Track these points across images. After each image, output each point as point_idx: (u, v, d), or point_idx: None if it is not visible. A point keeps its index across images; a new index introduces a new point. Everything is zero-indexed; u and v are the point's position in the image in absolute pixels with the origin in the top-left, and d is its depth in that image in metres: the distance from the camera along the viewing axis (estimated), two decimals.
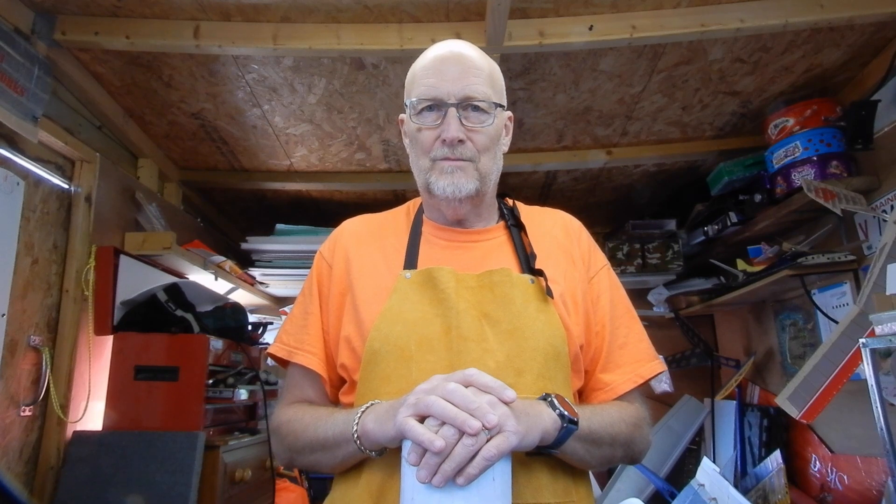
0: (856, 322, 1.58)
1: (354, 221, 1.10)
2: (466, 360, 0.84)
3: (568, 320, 0.92)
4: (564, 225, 1.08)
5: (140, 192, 2.17)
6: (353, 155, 2.48)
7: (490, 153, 0.97)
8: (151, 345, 1.85)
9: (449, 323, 0.88)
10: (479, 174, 0.95)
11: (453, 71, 0.95)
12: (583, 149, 2.47)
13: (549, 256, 0.98)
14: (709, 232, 2.54)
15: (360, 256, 1.00)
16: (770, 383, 2.58)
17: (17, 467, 1.62)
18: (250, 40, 1.69)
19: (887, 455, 1.37)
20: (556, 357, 0.89)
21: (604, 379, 0.96)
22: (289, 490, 2.40)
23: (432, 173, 0.95)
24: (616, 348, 0.98)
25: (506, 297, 0.90)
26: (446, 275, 0.91)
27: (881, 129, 1.84)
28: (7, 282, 1.59)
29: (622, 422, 0.90)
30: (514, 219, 1.04)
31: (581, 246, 1.04)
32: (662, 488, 2.47)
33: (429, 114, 0.95)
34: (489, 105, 0.95)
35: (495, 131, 0.98)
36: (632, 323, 1.02)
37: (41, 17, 1.65)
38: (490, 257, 0.97)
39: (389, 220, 1.08)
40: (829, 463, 2.13)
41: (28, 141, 1.62)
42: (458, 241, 1.00)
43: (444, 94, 0.93)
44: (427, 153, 0.96)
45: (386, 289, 0.93)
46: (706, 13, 1.66)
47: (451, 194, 0.94)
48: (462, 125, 0.93)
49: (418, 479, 0.65)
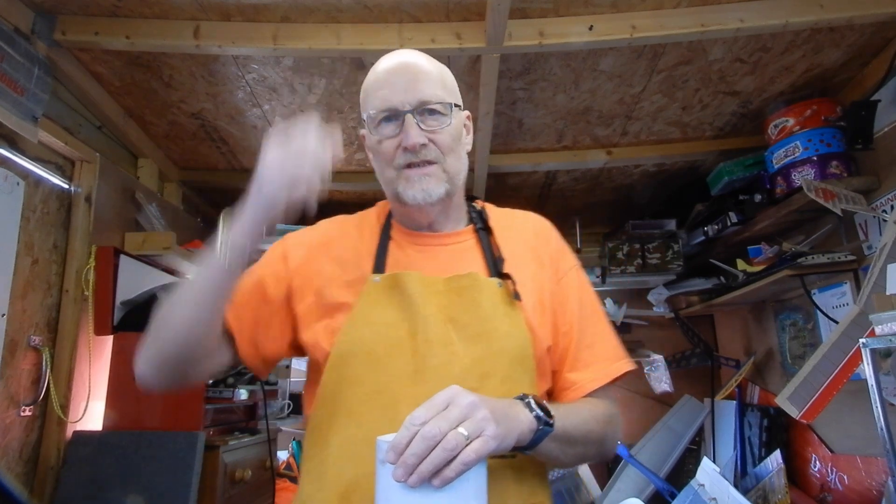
0: (856, 322, 1.58)
1: (327, 223, 1.09)
2: (432, 364, 0.86)
3: (534, 323, 0.93)
4: (534, 227, 1.08)
5: (140, 192, 2.17)
6: (353, 155, 2.48)
7: (455, 153, 0.97)
8: None
9: (416, 327, 0.89)
10: (447, 175, 0.96)
11: (403, 80, 0.95)
12: (583, 149, 2.47)
13: (517, 259, 0.99)
14: (709, 232, 2.54)
15: (329, 256, 1.00)
16: (770, 383, 2.58)
17: (17, 467, 1.63)
18: (250, 40, 1.69)
19: (887, 455, 1.37)
20: (522, 360, 0.90)
21: (571, 378, 0.97)
22: (289, 490, 2.40)
23: (399, 182, 0.95)
24: (584, 348, 0.99)
25: (473, 301, 0.91)
26: (413, 279, 0.92)
27: (881, 129, 1.84)
28: (7, 282, 1.59)
29: (594, 420, 0.91)
30: (483, 222, 1.05)
31: (550, 247, 1.05)
32: (662, 488, 2.47)
33: (387, 125, 0.95)
34: (444, 106, 0.95)
35: (456, 131, 0.98)
36: (599, 323, 1.03)
37: (41, 17, 1.65)
38: (458, 261, 0.98)
39: (360, 223, 1.08)
40: (829, 463, 2.13)
41: (28, 141, 1.62)
42: (426, 244, 1.01)
43: (398, 102, 0.94)
44: (390, 163, 0.95)
45: (355, 292, 0.93)
46: (706, 13, 1.66)
47: (423, 201, 0.94)
48: (421, 130, 0.93)
49: (394, 476, 0.65)
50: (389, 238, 1.01)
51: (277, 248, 1.05)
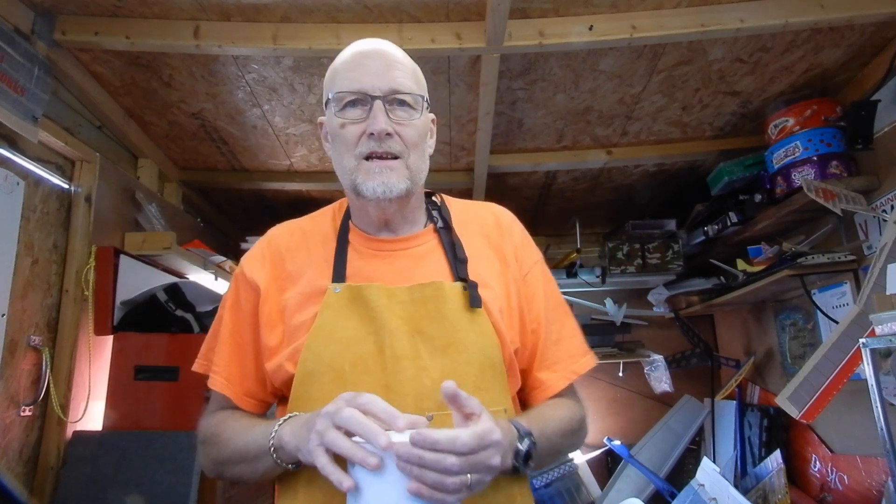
0: (856, 322, 1.58)
1: (280, 229, 1.04)
2: (402, 380, 0.84)
3: (501, 326, 0.91)
4: (496, 220, 1.04)
5: (140, 192, 2.17)
6: None
7: (419, 150, 0.94)
8: (151, 345, 1.85)
9: (382, 342, 0.86)
10: (409, 172, 0.91)
11: (377, 64, 0.91)
12: (583, 149, 2.47)
13: (480, 258, 0.96)
14: (709, 232, 2.54)
15: (288, 270, 0.96)
16: (770, 383, 2.58)
17: (17, 467, 1.62)
18: (250, 40, 1.69)
19: (887, 455, 1.37)
20: (491, 367, 0.89)
21: (540, 378, 0.97)
22: None
23: (359, 173, 0.90)
24: (550, 345, 0.98)
25: (438, 312, 0.88)
26: (376, 291, 0.88)
27: (881, 129, 1.84)
28: (7, 282, 1.59)
29: (570, 434, 0.93)
30: (443, 220, 1.01)
31: (513, 241, 1.01)
32: (662, 488, 2.47)
33: (353, 109, 0.90)
34: (415, 99, 0.92)
35: (423, 127, 0.94)
36: (564, 318, 1.02)
37: (41, 17, 1.65)
38: (421, 266, 0.94)
39: (315, 227, 1.02)
40: (829, 463, 2.13)
41: (28, 141, 1.62)
42: (385, 249, 0.96)
43: (369, 86, 0.89)
44: (352, 150, 0.90)
45: (315, 303, 0.89)
46: (706, 13, 1.66)
47: (382, 195, 0.89)
48: (389, 119, 0.89)
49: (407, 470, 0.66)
50: (347, 243, 0.97)
51: (241, 283, 0.98)
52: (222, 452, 0.89)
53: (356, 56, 0.94)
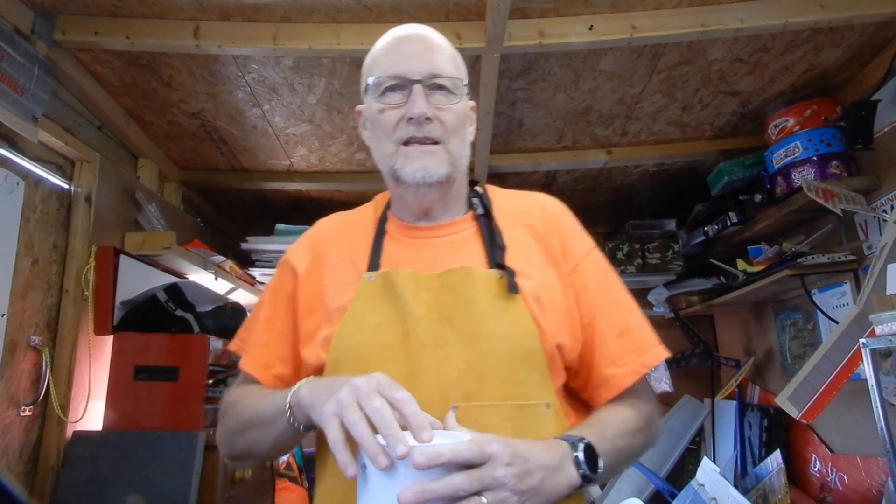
0: (856, 322, 1.58)
1: (326, 221, 1.05)
2: (425, 368, 0.81)
3: (541, 318, 0.85)
4: (542, 210, 0.99)
5: (140, 192, 2.17)
6: (353, 155, 2.48)
7: (459, 136, 0.91)
8: (151, 345, 1.85)
9: (407, 329, 0.83)
10: (450, 157, 0.89)
11: (416, 48, 0.90)
12: (583, 149, 2.47)
13: (520, 248, 0.91)
14: (709, 232, 2.54)
15: (329, 259, 0.96)
16: (770, 383, 2.57)
17: (17, 467, 1.62)
18: (250, 40, 1.69)
19: (887, 455, 1.37)
20: (527, 358, 0.83)
21: (605, 374, 0.89)
22: (289, 490, 2.40)
23: (398, 158, 0.89)
24: (613, 338, 0.91)
25: (466, 297, 0.84)
26: (404, 277, 0.86)
27: (881, 129, 1.84)
28: (7, 282, 1.59)
29: (634, 434, 0.85)
30: (484, 207, 0.97)
31: (561, 232, 0.96)
32: (662, 488, 2.47)
33: (392, 94, 0.89)
34: (455, 83, 0.90)
35: (462, 113, 0.92)
36: (629, 307, 0.95)
37: (41, 17, 1.65)
38: (455, 253, 0.91)
39: (358, 217, 1.03)
40: (829, 463, 2.13)
41: (28, 141, 1.62)
42: (420, 237, 0.94)
43: (408, 70, 0.88)
44: (391, 135, 0.89)
45: (350, 292, 0.88)
46: (706, 13, 1.66)
47: (422, 179, 0.87)
48: (429, 103, 0.87)
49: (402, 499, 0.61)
50: (384, 232, 0.96)
51: (285, 272, 1.00)
52: (240, 418, 0.88)
53: (395, 40, 0.93)
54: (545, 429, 0.82)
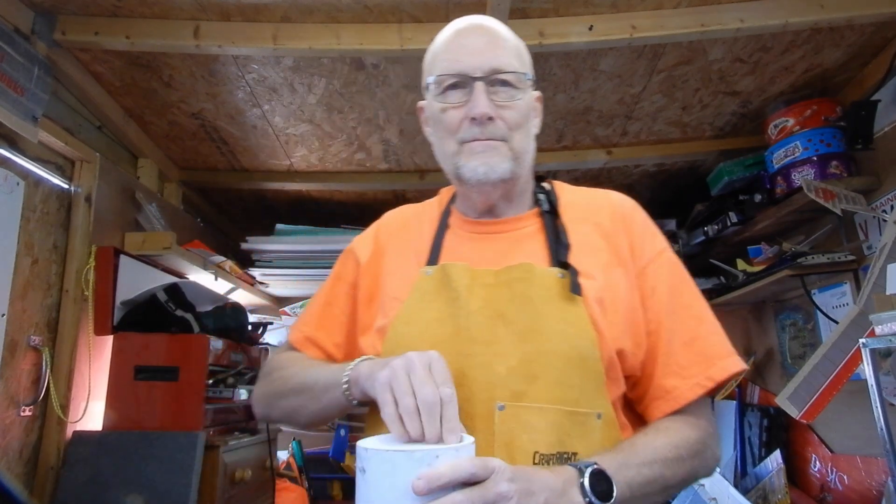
0: (856, 322, 1.58)
1: (392, 213, 1.05)
2: (474, 364, 0.78)
3: (601, 322, 0.81)
4: (612, 209, 0.94)
5: (140, 192, 2.17)
6: (353, 155, 2.48)
7: (523, 130, 0.88)
8: (151, 345, 1.85)
9: (459, 324, 0.81)
10: (512, 153, 0.86)
11: (478, 43, 0.87)
12: (583, 149, 2.47)
13: (586, 247, 0.87)
14: (709, 232, 2.54)
15: (391, 251, 0.96)
16: (770, 383, 2.57)
17: (17, 467, 1.62)
18: (250, 40, 1.69)
19: (887, 455, 1.37)
20: (581, 362, 0.79)
21: (666, 385, 0.82)
22: (289, 490, 2.40)
23: (460, 156, 0.86)
24: (680, 345, 0.84)
25: (524, 295, 0.81)
26: (460, 271, 0.84)
27: (881, 129, 1.84)
28: (7, 282, 1.59)
29: (678, 461, 0.76)
30: (550, 204, 0.93)
31: (631, 231, 0.91)
32: None
33: (453, 92, 0.87)
34: (518, 78, 0.87)
35: (526, 107, 0.89)
36: (700, 314, 0.87)
37: (41, 17, 1.65)
38: (516, 250, 0.88)
39: (423, 211, 1.02)
40: (829, 463, 2.13)
41: (28, 141, 1.62)
42: (482, 232, 0.92)
43: (469, 68, 0.85)
44: (453, 135, 0.87)
45: (408, 286, 0.87)
46: (706, 13, 1.66)
47: (484, 176, 0.85)
48: (491, 101, 0.84)
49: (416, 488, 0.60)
50: (447, 226, 0.95)
51: (349, 260, 1.01)
52: (287, 383, 0.89)
53: (455, 35, 0.91)
54: (592, 439, 0.78)
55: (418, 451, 0.62)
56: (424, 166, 2.58)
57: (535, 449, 0.75)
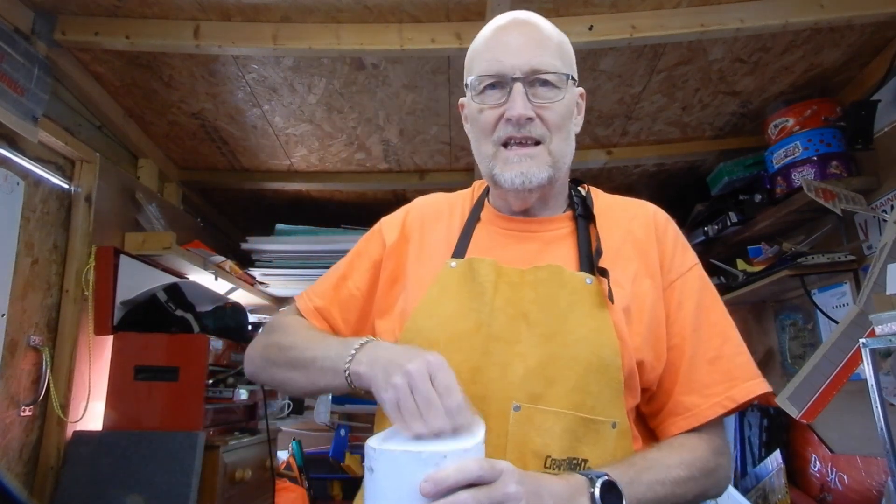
0: (856, 322, 1.58)
1: (423, 200, 1.02)
2: (492, 362, 0.77)
3: (625, 331, 0.80)
4: (646, 220, 0.93)
5: (140, 192, 2.17)
6: (353, 155, 2.48)
7: (562, 133, 0.87)
8: (151, 345, 1.85)
9: (481, 320, 0.80)
10: (551, 159, 0.85)
11: (517, 42, 0.85)
12: (583, 149, 2.47)
13: (617, 255, 0.86)
14: (709, 232, 2.54)
15: (419, 238, 0.94)
16: (770, 383, 2.56)
17: (17, 467, 1.62)
18: (250, 40, 1.69)
19: (887, 455, 1.37)
20: (602, 370, 0.77)
21: (685, 402, 0.81)
22: (289, 490, 2.40)
23: (496, 162, 0.85)
24: (703, 363, 0.83)
25: (550, 297, 0.80)
26: (487, 267, 0.83)
27: (881, 129, 1.84)
28: (7, 282, 1.59)
29: (690, 481, 0.75)
30: (585, 209, 0.92)
31: (663, 244, 0.90)
32: None
33: (491, 92, 0.85)
34: (559, 78, 0.85)
35: (567, 108, 0.87)
36: (726, 333, 0.86)
37: (41, 17, 1.65)
38: (547, 251, 0.87)
39: (455, 201, 1.00)
40: (829, 463, 2.13)
41: (28, 141, 1.62)
42: (515, 229, 0.91)
43: (508, 67, 0.83)
44: (489, 135, 0.85)
45: (432, 276, 0.86)
46: (706, 13, 1.66)
47: (521, 185, 0.83)
48: (529, 101, 0.83)
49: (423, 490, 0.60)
50: (478, 220, 0.93)
51: (376, 238, 0.99)
52: (284, 353, 0.87)
53: (496, 32, 0.89)
54: (606, 448, 0.77)
55: (425, 451, 0.61)
56: (424, 166, 2.58)
57: (548, 453, 0.75)
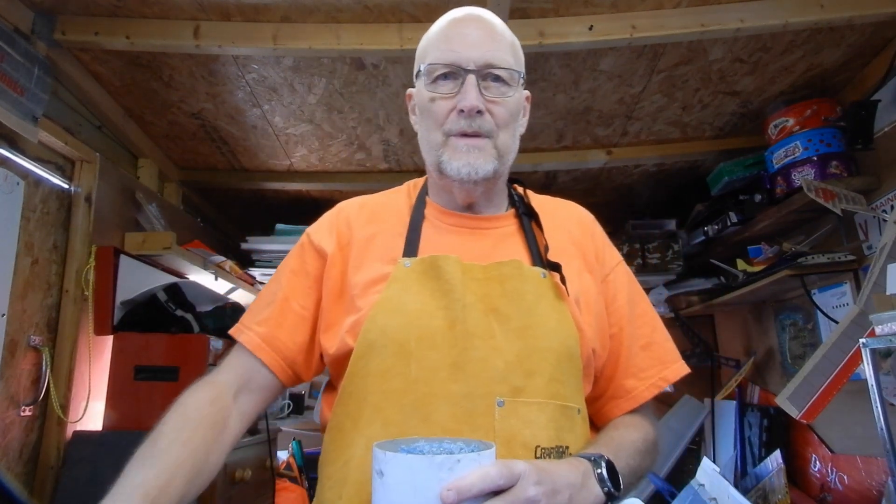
0: (856, 322, 1.58)
1: (350, 202, 1.00)
2: (472, 358, 0.78)
3: (581, 321, 0.85)
4: (578, 219, 0.99)
5: (140, 192, 2.17)
6: (353, 155, 2.48)
7: (509, 130, 0.88)
8: (151, 345, 1.85)
9: (454, 317, 0.80)
10: (497, 153, 0.86)
11: (474, 35, 0.85)
12: (583, 149, 2.47)
13: (561, 251, 0.90)
14: (709, 232, 2.54)
15: (358, 242, 0.91)
16: (770, 383, 2.57)
17: (17, 467, 1.62)
18: (250, 40, 1.69)
19: (887, 455, 1.37)
20: (570, 359, 0.82)
21: (625, 386, 0.89)
22: (289, 490, 2.40)
23: (445, 151, 0.86)
24: (638, 350, 0.90)
25: (516, 291, 0.82)
26: (452, 264, 0.83)
27: (881, 129, 1.84)
28: (7, 282, 1.59)
29: (646, 454, 0.85)
30: (526, 207, 0.95)
31: (595, 242, 0.96)
32: (662, 488, 2.46)
33: (444, 82, 0.85)
34: (512, 75, 0.86)
35: (515, 106, 0.89)
36: (654, 321, 0.94)
37: (41, 17, 1.65)
38: (500, 247, 0.89)
39: (388, 202, 0.99)
40: (829, 463, 2.13)
41: (28, 141, 1.62)
42: (464, 226, 0.92)
43: (464, 59, 0.84)
44: (440, 126, 0.86)
45: (383, 277, 0.84)
46: (706, 13, 1.66)
47: (467, 176, 0.85)
48: (482, 94, 0.84)
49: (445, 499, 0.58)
50: (423, 217, 0.92)
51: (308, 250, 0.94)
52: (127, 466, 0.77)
53: (452, 24, 0.89)
54: (578, 433, 0.82)
55: (439, 455, 0.61)
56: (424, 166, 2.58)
57: (537, 443, 0.77)
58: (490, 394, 0.76)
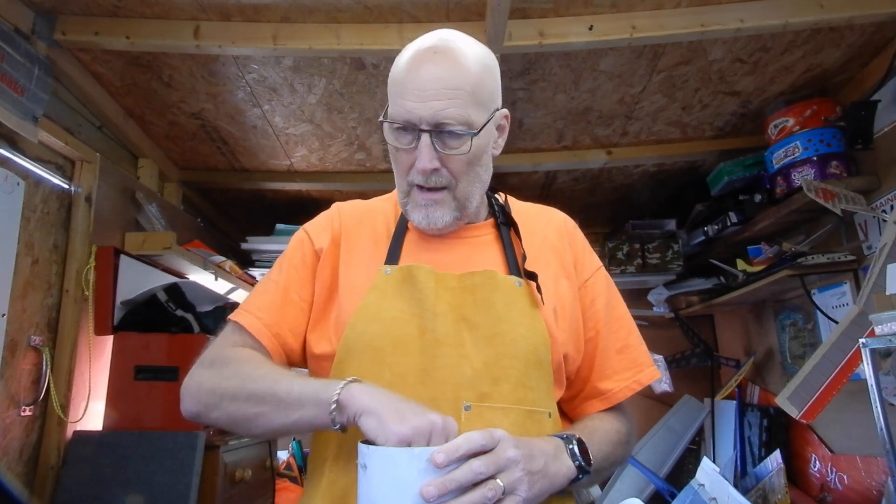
0: (856, 322, 1.58)
1: (346, 207, 1.03)
2: (440, 366, 0.81)
3: (554, 327, 0.88)
4: (557, 225, 1.02)
5: (140, 192, 2.17)
6: (353, 155, 2.48)
7: (469, 175, 0.89)
8: (151, 345, 1.85)
9: (425, 325, 0.84)
10: (456, 203, 0.89)
11: (429, 87, 0.84)
12: (583, 149, 2.47)
13: (539, 258, 0.93)
14: (709, 232, 2.54)
15: (348, 245, 0.96)
16: (770, 383, 2.57)
17: (17, 467, 1.62)
18: (250, 40, 1.69)
19: (887, 455, 1.37)
20: (538, 365, 0.86)
21: (601, 387, 0.93)
22: (289, 490, 2.40)
23: (409, 201, 0.91)
24: (613, 353, 0.95)
25: (487, 300, 0.86)
26: (425, 274, 0.87)
27: (881, 129, 1.84)
28: (7, 282, 1.59)
29: (619, 444, 0.90)
30: (505, 216, 0.98)
31: (574, 247, 1.00)
32: (662, 488, 2.46)
33: (404, 135, 0.87)
34: (467, 128, 0.85)
35: (476, 152, 0.88)
36: (630, 326, 0.99)
37: (41, 17, 1.65)
38: (476, 256, 0.93)
39: (380, 208, 1.02)
40: (829, 463, 2.13)
41: (28, 141, 1.62)
42: (444, 237, 0.95)
43: (416, 119, 0.84)
44: (404, 175, 0.90)
45: (367, 283, 0.88)
46: (706, 13, 1.66)
47: (427, 227, 0.90)
48: (436, 151, 0.85)
49: (425, 494, 0.63)
50: (406, 227, 0.96)
51: (306, 245, 0.97)
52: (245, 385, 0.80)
53: (412, 65, 0.86)
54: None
55: (418, 447, 0.66)
56: None
57: None
58: (457, 399, 0.80)
